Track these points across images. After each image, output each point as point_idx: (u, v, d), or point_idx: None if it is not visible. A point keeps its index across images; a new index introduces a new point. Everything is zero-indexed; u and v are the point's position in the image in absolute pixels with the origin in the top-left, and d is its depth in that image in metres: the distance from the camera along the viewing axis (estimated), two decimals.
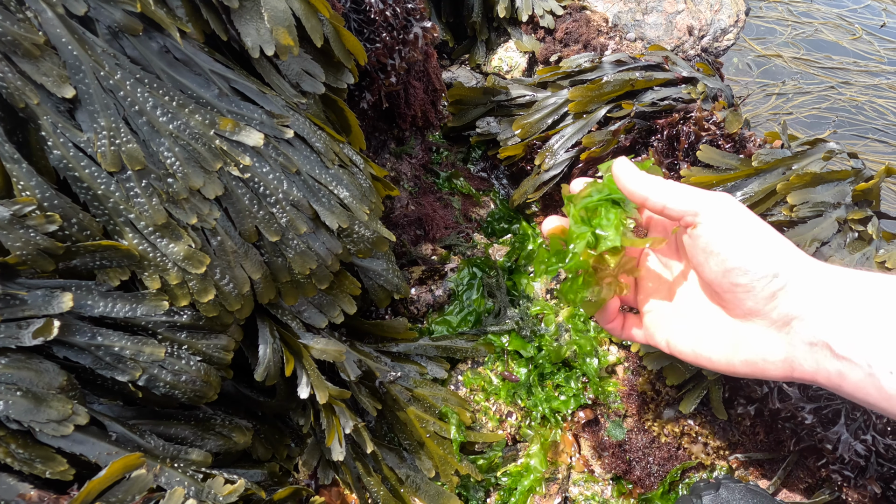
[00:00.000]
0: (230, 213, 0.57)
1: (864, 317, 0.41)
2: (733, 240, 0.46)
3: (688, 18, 1.07)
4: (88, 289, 0.52)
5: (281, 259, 0.61)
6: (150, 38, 0.50)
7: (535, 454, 0.80)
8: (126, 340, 0.53)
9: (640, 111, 0.91)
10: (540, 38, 1.28)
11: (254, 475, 0.66)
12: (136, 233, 0.52)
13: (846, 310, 0.42)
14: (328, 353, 0.66)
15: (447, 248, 1.05)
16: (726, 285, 0.47)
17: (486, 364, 0.87)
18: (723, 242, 0.47)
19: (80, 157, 0.48)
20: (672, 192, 0.49)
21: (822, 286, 0.44)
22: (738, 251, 0.46)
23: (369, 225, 0.66)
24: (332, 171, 0.64)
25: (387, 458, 0.74)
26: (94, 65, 0.47)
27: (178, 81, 0.52)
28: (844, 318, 0.42)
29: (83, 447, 0.48)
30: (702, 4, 1.05)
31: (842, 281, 0.44)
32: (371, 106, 0.90)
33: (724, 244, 0.47)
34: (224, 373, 0.62)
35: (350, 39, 0.70)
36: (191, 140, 0.53)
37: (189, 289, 0.55)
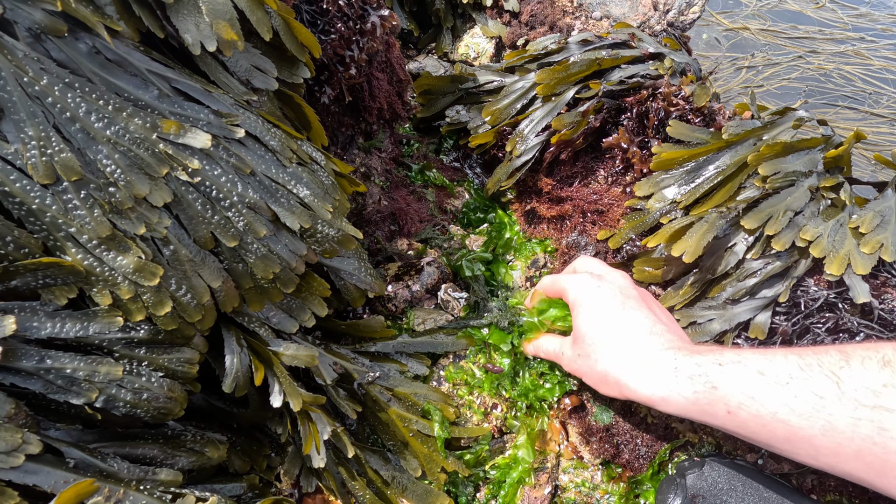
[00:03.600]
0: (182, 220, 0.54)
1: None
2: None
3: None
4: (33, 310, 0.49)
5: (242, 265, 0.58)
6: (78, 38, 0.47)
7: (522, 445, 0.79)
8: (79, 361, 0.50)
9: (609, 90, 0.90)
10: (506, 22, 1.26)
11: (232, 489, 0.64)
12: (80, 247, 0.49)
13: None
14: (299, 358, 0.64)
15: (423, 241, 1.03)
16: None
17: (468, 357, 0.85)
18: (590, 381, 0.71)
19: (8, 171, 0.45)
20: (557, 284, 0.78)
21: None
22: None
23: (333, 223, 0.64)
24: (289, 170, 0.61)
25: (370, 461, 0.72)
26: (16, 70, 0.44)
27: (112, 84, 0.49)
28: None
29: (36, 477, 0.45)
30: None
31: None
32: (333, 100, 0.87)
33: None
34: (191, 386, 0.59)
35: (302, 31, 0.67)
36: (132, 146, 0.50)
37: (143, 302, 0.52)
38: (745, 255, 0.71)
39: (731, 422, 0.57)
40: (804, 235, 0.70)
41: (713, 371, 0.57)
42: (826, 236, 0.69)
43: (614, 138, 0.87)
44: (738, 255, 0.71)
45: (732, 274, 0.71)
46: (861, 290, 0.65)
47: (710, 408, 0.57)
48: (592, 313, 0.68)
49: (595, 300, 0.69)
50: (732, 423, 0.57)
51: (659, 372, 0.60)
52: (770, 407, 0.53)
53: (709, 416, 0.58)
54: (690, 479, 0.75)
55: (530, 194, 1.05)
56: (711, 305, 0.72)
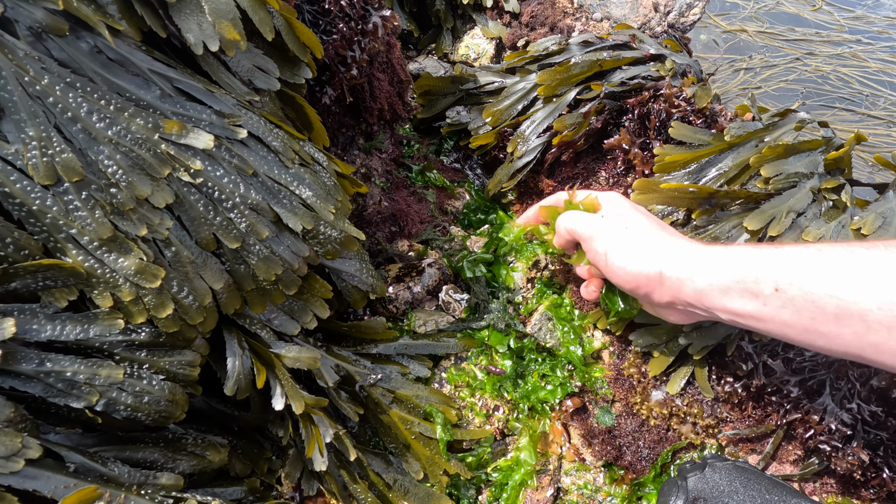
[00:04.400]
0: (184, 222, 0.53)
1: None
2: (608, 260, 0.67)
3: None
4: (33, 312, 0.48)
5: (244, 266, 0.58)
6: (79, 38, 0.47)
7: (524, 447, 0.78)
8: (79, 364, 0.49)
9: (610, 91, 0.90)
10: (506, 23, 1.25)
11: (233, 493, 0.63)
12: (81, 249, 0.48)
13: (704, 278, 0.59)
14: (302, 360, 0.63)
15: (424, 242, 1.03)
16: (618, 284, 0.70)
17: (470, 359, 0.85)
18: (601, 263, 0.68)
19: (8, 171, 0.45)
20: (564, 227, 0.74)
21: (686, 273, 0.60)
22: (606, 271, 0.68)
23: (336, 224, 0.63)
24: (292, 171, 0.61)
25: (372, 464, 0.72)
26: (17, 70, 0.44)
27: (114, 84, 0.49)
28: (703, 285, 0.59)
29: (36, 482, 0.44)
30: None
31: (703, 261, 0.60)
32: (334, 101, 0.86)
33: (602, 265, 0.68)
34: (192, 389, 0.58)
35: (304, 32, 0.66)
36: (133, 146, 0.49)
37: (145, 304, 0.52)
38: None
39: (775, 300, 0.53)
40: (806, 237, 0.70)
41: (764, 253, 0.55)
42: (828, 238, 0.69)
43: (616, 139, 0.87)
44: None
45: None
46: None
47: (756, 286, 0.53)
48: (624, 209, 0.68)
49: (620, 204, 0.70)
50: (775, 303, 0.53)
51: (702, 257, 0.59)
52: (825, 280, 0.50)
53: (750, 295, 0.54)
54: (692, 481, 0.75)
55: (531, 195, 1.04)
56: None
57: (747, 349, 0.72)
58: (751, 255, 0.56)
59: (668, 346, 0.79)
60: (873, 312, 0.47)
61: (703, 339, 0.75)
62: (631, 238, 0.64)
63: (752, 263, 0.55)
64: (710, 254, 0.59)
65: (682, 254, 0.60)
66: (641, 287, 0.63)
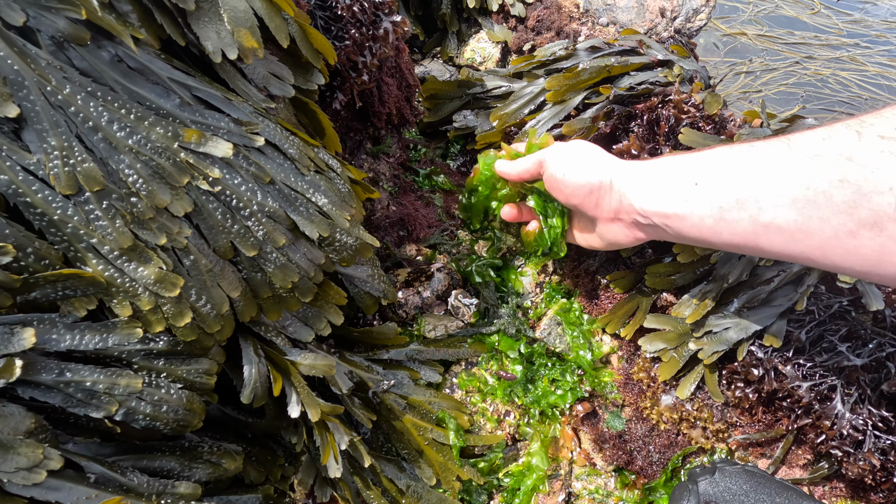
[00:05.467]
0: (202, 230, 0.53)
1: (650, 182, 0.64)
2: (563, 174, 0.71)
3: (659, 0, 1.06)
4: (52, 322, 0.48)
5: (260, 274, 0.58)
6: (100, 47, 0.46)
7: (536, 452, 0.79)
8: (98, 374, 0.49)
9: (619, 96, 0.90)
10: (512, 27, 1.26)
11: (248, 500, 0.63)
12: (101, 258, 0.48)
13: (644, 185, 0.64)
14: (317, 368, 0.63)
15: (432, 247, 1.03)
16: (571, 205, 0.73)
17: (480, 364, 0.85)
18: (555, 180, 0.72)
19: (30, 181, 0.44)
20: (522, 161, 0.78)
21: (629, 183, 0.66)
22: (563, 185, 0.71)
23: (351, 231, 0.63)
24: (308, 178, 0.61)
25: (385, 470, 0.72)
26: (39, 79, 0.43)
27: (134, 93, 0.48)
28: (642, 190, 0.64)
29: (59, 494, 0.44)
30: None
31: (644, 170, 0.66)
32: (344, 106, 0.86)
33: (556, 181, 0.72)
34: (208, 397, 0.58)
35: (318, 38, 0.66)
36: (153, 155, 0.49)
37: (163, 313, 0.51)
38: (759, 262, 0.71)
39: (696, 196, 0.59)
40: None
41: (691, 156, 0.62)
42: None
43: (625, 145, 0.88)
44: (752, 262, 0.71)
45: (746, 281, 0.71)
46: (874, 297, 0.65)
47: (682, 184, 0.60)
48: (577, 142, 0.76)
49: (574, 141, 0.77)
50: (695, 198, 0.59)
51: (645, 167, 0.66)
52: (730, 173, 0.56)
53: (678, 194, 0.60)
54: (703, 485, 0.76)
55: None
56: (725, 314, 0.72)
57: (758, 354, 0.73)
58: (681, 160, 0.62)
59: (678, 351, 0.79)
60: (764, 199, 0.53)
61: (714, 344, 0.75)
62: (584, 155, 0.71)
63: (681, 165, 0.61)
64: (651, 165, 0.65)
65: (629, 167, 0.67)
66: (593, 193, 0.68)
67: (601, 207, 0.69)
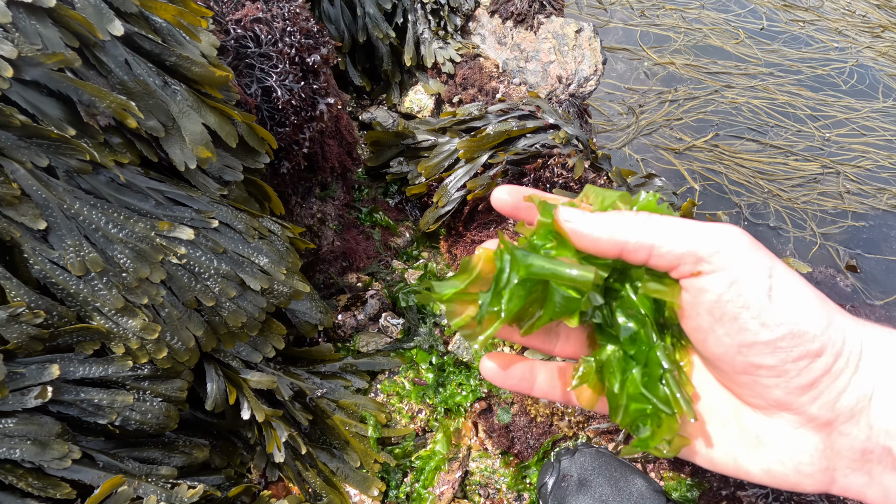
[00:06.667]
0: (174, 290, 0.75)
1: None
2: (756, 298, 0.31)
3: (558, 69, 1.29)
4: (70, 359, 0.70)
5: (218, 318, 0.80)
6: (99, 173, 0.68)
7: (440, 441, 1.03)
8: (103, 393, 0.71)
9: (512, 159, 1.13)
10: (444, 81, 1.47)
11: (213, 480, 0.86)
12: (103, 315, 0.70)
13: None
14: (263, 382, 0.86)
15: (370, 275, 1.26)
16: (741, 365, 0.33)
17: (401, 373, 1.08)
18: (742, 301, 0.32)
19: (54, 269, 0.66)
20: (663, 228, 0.33)
21: (884, 369, 0.31)
22: (763, 316, 0.31)
23: (286, 282, 0.86)
24: (252, 245, 0.83)
25: (320, 456, 0.95)
26: (59, 201, 0.65)
27: (123, 201, 0.70)
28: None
29: (80, 474, 0.67)
30: (568, 56, 1.26)
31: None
32: (290, 170, 1.08)
33: (743, 304, 0.32)
34: (181, 406, 0.81)
35: (261, 131, 0.88)
36: (137, 242, 0.71)
37: (147, 350, 0.74)
38: None
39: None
40: None
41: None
42: None
43: None
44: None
45: None
46: None
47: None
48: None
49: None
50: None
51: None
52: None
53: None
54: (564, 462, 1.00)
55: (457, 232, 1.28)
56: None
57: None
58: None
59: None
60: None
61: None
62: (793, 278, 0.34)
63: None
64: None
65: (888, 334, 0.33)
66: (810, 362, 0.32)
67: (817, 397, 0.33)
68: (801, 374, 0.31)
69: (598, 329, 0.42)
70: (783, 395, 0.32)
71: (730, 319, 0.32)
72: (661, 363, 0.38)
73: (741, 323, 0.32)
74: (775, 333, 0.31)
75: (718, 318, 0.33)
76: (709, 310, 0.33)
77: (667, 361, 0.38)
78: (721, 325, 0.33)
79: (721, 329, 0.33)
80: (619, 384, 0.39)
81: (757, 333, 0.32)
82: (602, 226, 0.35)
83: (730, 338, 0.33)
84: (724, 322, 0.33)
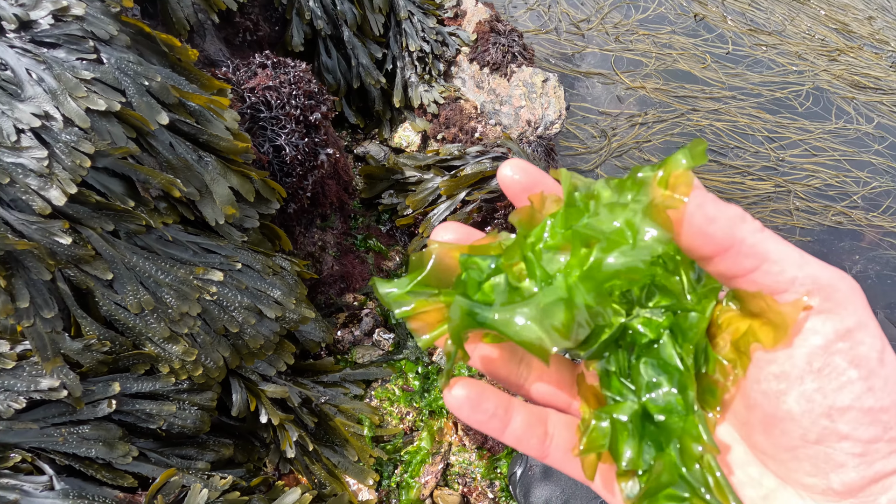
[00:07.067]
0: (207, 321, 0.94)
1: None
2: (869, 357, 0.26)
3: (527, 113, 1.48)
4: (127, 378, 0.89)
5: (241, 341, 0.99)
6: (150, 232, 0.87)
7: (425, 438, 1.22)
8: (152, 404, 0.90)
9: (485, 197, 1.32)
10: (429, 120, 1.66)
11: (237, 472, 1.05)
12: (153, 343, 0.89)
13: None
14: (277, 392, 1.05)
15: (365, 295, 1.44)
16: (821, 432, 0.27)
17: (392, 381, 1.27)
18: (852, 356, 0.26)
19: (118, 309, 0.85)
20: (777, 240, 0.27)
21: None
22: (872, 379, 0.26)
23: (296, 310, 1.05)
24: (268, 281, 1.02)
25: (324, 452, 1.14)
26: (121, 256, 0.84)
27: (169, 253, 0.89)
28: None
29: (138, 468, 0.86)
30: (536, 102, 1.45)
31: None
32: (296, 209, 1.27)
33: (852, 359, 0.26)
34: (212, 413, 1.00)
35: (272, 184, 1.07)
36: (179, 285, 0.90)
37: (186, 369, 0.93)
38: None
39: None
40: None
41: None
42: None
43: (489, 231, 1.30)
44: None
45: None
46: None
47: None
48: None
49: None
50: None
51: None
52: None
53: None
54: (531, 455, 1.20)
55: None
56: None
57: None
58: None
59: None
60: None
61: None
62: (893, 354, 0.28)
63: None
64: None
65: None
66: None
67: (889, 488, 0.27)
68: (888, 457, 0.26)
69: (606, 376, 0.32)
70: (856, 478, 0.26)
71: (831, 374, 0.26)
72: (701, 437, 0.29)
73: (843, 380, 0.26)
74: (882, 402, 0.26)
75: (817, 369, 0.26)
76: (808, 358, 0.26)
77: (707, 435, 0.29)
78: (817, 378, 0.26)
79: (814, 384, 0.26)
80: (646, 464, 0.30)
81: (859, 397, 0.25)
82: (725, 213, 0.26)
83: (822, 396, 0.26)
84: (823, 376, 0.26)
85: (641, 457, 0.31)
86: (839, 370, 0.26)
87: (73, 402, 0.82)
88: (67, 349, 0.81)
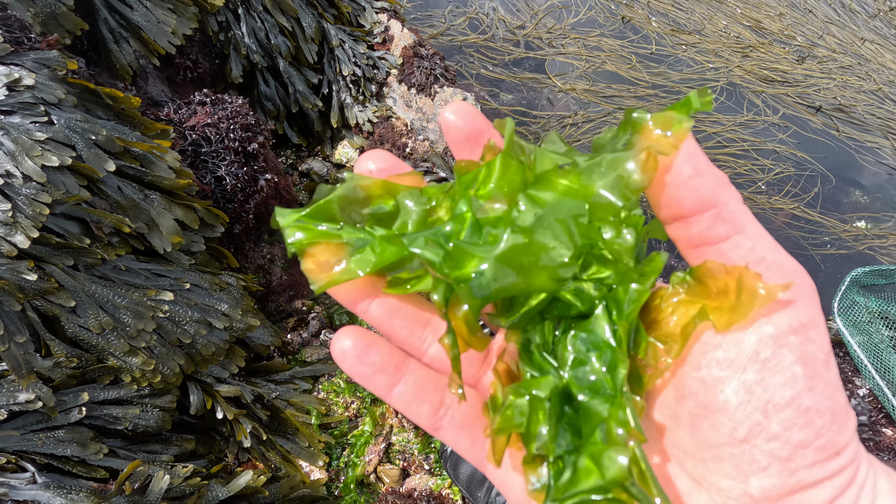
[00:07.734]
0: (162, 335, 1.10)
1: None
2: (816, 359, 0.25)
3: None
4: (94, 387, 1.04)
5: (194, 350, 1.15)
6: (106, 264, 1.02)
7: (367, 423, 1.40)
8: (118, 409, 1.06)
9: None
10: (365, 137, 1.82)
11: (200, 463, 1.22)
12: (115, 357, 1.04)
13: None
14: (231, 392, 1.21)
15: (313, 300, 1.61)
16: (751, 429, 0.25)
17: (337, 375, 1.45)
18: (799, 353, 0.25)
19: (82, 330, 1.00)
20: (759, 230, 0.26)
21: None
22: (814, 382, 0.25)
23: (242, 320, 1.21)
24: (215, 296, 1.18)
25: (278, 441, 1.31)
26: (82, 286, 0.99)
27: (123, 279, 1.04)
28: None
29: (109, 463, 1.02)
30: None
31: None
32: (242, 229, 1.42)
33: (800, 356, 0.25)
34: (173, 413, 1.16)
35: (215, 211, 1.22)
36: (135, 306, 1.05)
37: (146, 377, 1.08)
38: None
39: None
40: None
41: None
42: None
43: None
44: None
45: None
46: None
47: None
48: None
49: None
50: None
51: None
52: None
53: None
54: None
55: None
56: None
57: None
58: None
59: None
60: None
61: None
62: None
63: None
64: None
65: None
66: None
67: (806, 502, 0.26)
68: (812, 467, 0.25)
69: (525, 349, 0.29)
70: (777, 485, 0.25)
71: (776, 367, 0.25)
72: (627, 423, 0.26)
73: (787, 376, 0.25)
74: (819, 405, 0.25)
75: (764, 360, 0.25)
76: (758, 346, 0.25)
77: (634, 422, 0.26)
78: (762, 370, 0.25)
79: (757, 375, 0.25)
80: (560, 449, 0.27)
81: (800, 395, 0.24)
82: (714, 171, 0.25)
83: (763, 389, 0.25)
84: (768, 367, 0.25)
85: (555, 441, 0.27)
86: (785, 364, 0.25)
87: (48, 412, 0.97)
88: (40, 367, 0.96)
